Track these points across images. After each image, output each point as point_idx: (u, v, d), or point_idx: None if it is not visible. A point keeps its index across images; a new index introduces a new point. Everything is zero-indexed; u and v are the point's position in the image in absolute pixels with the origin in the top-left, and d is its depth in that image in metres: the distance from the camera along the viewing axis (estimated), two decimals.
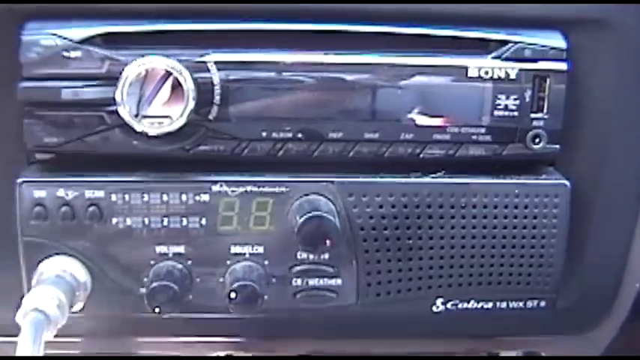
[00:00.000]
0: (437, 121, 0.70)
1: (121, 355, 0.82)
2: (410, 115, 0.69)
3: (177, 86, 0.65)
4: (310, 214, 0.66)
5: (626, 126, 0.73)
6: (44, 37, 0.66)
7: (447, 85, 0.69)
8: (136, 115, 0.64)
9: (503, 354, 0.94)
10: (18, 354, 0.59)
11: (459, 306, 0.73)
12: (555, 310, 0.74)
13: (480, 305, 0.73)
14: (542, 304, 0.74)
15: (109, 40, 0.67)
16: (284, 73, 0.68)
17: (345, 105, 0.69)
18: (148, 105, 0.64)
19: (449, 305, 0.73)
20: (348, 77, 0.68)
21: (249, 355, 0.84)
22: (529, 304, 0.74)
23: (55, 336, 0.63)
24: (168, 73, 0.64)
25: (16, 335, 0.68)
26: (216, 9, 0.68)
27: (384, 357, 0.88)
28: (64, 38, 0.66)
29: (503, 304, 0.73)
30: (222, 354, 0.83)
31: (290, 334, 0.80)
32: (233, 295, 0.67)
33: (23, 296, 0.67)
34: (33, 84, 0.66)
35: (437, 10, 0.69)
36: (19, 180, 0.68)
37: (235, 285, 0.67)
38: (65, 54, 0.66)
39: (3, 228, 0.71)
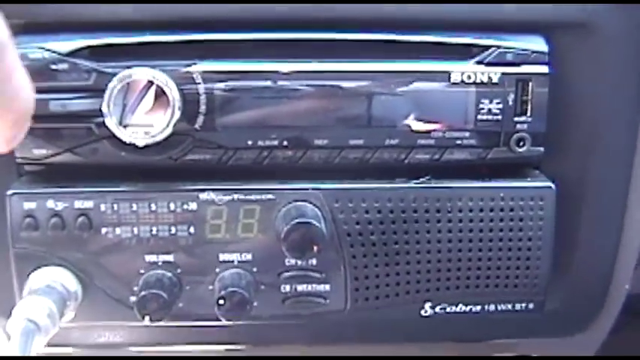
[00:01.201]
0: (421, 126, 0.69)
1: (121, 356, 0.82)
2: (394, 121, 0.69)
3: (162, 95, 0.65)
4: (296, 221, 0.66)
5: (610, 127, 0.73)
6: (32, 50, 0.66)
7: (431, 90, 0.69)
8: (120, 124, 0.64)
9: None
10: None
11: (448, 309, 0.73)
12: (544, 312, 0.74)
13: (468, 308, 0.73)
14: (531, 306, 0.73)
15: (96, 52, 0.67)
16: (269, 82, 0.68)
17: (329, 112, 0.69)
18: (131, 114, 0.64)
19: (437, 309, 0.72)
20: (332, 84, 0.68)
21: (250, 355, 0.83)
22: (517, 306, 0.73)
23: (47, 346, 0.62)
24: (150, 82, 0.63)
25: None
26: (201, 20, 0.68)
27: (379, 357, 0.87)
28: (52, 51, 0.66)
29: (492, 307, 0.73)
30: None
31: (279, 341, 0.79)
32: (222, 301, 0.67)
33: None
34: None
35: (418, 15, 0.69)
36: (9, 192, 0.68)
37: (224, 292, 0.67)
38: (53, 67, 0.66)
39: None
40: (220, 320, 0.68)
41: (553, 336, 0.81)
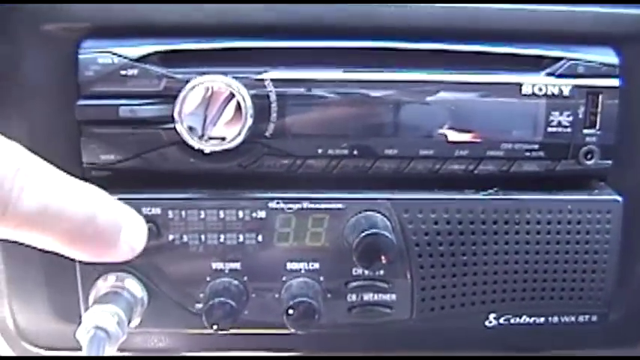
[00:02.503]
0: (491, 138, 0.67)
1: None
2: (463, 132, 0.67)
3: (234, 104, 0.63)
4: (368, 231, 0.65)
5: None
6: (101, 55, 0.65)
7: (502, 101, 0.68)
8: (201, 137, 0.62)
9: None
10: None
11: (512, 321, 0.71)
12: (607, 324, 0.72)
13: (532, 320, 0.72)
14: (594, 318, 0.72)
15: (166, 57, 0.66)
16: (340, 90, 0.66)
17: (400, 122, 0.67)
18: (212, 125, 0.63)
19: (501, 320, 0.71)
20: (405, 95, 0.67)
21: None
22: (580, 318, 0.72)
23: None
24: (232, 95, 0.62)
25: (72, 349, 0.67)
26: (273, 26, 0.66)
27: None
28: (122, 56, 0.65)
29: (555, 319, 0.72)
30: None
31: (342, 349, 0.78)
32: (291, 311, 0.65)
33: (80, 311, 0.66)
34: (90, 102, 0.65)
35: (490, 27, 0.68)
36: None
37: (292, 301, 0.65)
38: (123, 72, 0.65)
39: None
40: (286, 328, 0.66)
41: (613, 347, 0.80)
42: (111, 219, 0.53)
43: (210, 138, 0.64)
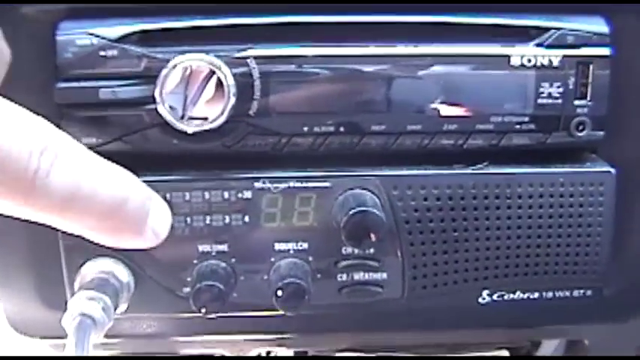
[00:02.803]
0: (480, 111, 0.66)
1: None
2: (452, 106, 0.65)
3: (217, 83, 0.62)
4: (357, 209, 0.63)
5: None
6: (79, 36, 0.63)
7: (490, 74, 0.66)
8: (182, 117, 0.60)
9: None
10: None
11: (505, 297, 0.70)
12: (600, 298, 0.70)
13: (526, 296, 0.70)
14: (589, 292, 0.70)
15: (146, 37, 0.64)
16: (325, 66, 0.65)
17: (386, 97, 0.65)
18: (193, 105, 0.61)
19: (495, 297, 0.70)
20: (390, 69, 0.65)
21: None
22: (575, 293, 0.70)
23: None
24: (212, 72, 0.60)
25: (60, 337, 0.66)
26: (254, 2, 0.65)
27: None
28: (100, 37, 0.63)
29: (550, 294, 0.70)
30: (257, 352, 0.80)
31: (332, 329, 0.76)
32: (280, 292, 0.64)
33: (66, 298, 0.64)
34: (70, 84, 0.63)
35: None
36: None
37: (281, 282, 0.64)
38: (102, 53, 0.63)
39: (43, 232, 0.67)
40: (276, 310, 0.64)
41: (607, 322, 0.78)
42: (140, 204, 0.50)
43: (192, 118, 0.62)
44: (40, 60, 0.64)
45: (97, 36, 0.63)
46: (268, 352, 0.83)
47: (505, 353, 0.86)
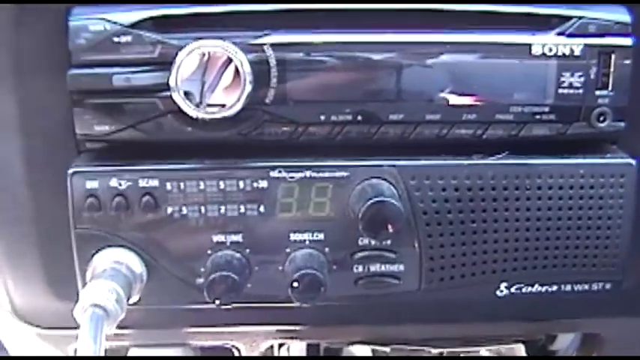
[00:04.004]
0: (500, 101, 0.64)
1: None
2: (471, 96, 0.63)
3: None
4: (375, 199, 0.61)
5: None
6: (93, 22, 0.61)
7: (511, 63, 0.64)
8: (199, 104, 0.58)
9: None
10: (78, 351, 0.55)
11: (524, 290, 0.68)
12: (619, 291, 0.68)
13: (544, 289, 0.68)
14: (608, 286, 0.68)
15: (160, 23, 0.62)
16: (343, 54, 0.63)
17: (405, 86, 0.63)
18: (211, 93, 0.58)
19: (513, 289, 0.68)
20: (409, 57, 0.63)
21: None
22: (594, 286, 0.68)
23: None
24: (229, 60, 0.58)
25: (70, 327, 0.64)
26: None
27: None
28: (114, 23, 0.61)
29: (568, 287, 0.68)
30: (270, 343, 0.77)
31: (347, 321, 0.74)
32: (296, 284, 0.62)
33: (77, 288, 0.63)
34: (83, 71, 0.61)
35: None
36: (71, 170, 0.63)
37: (298, 274, 0.62)
38: (115, 39, 0.61)
39: (54, 220, 0.65)
40: (291, 301, 0.62)
41: (625, 315, 0.76)
42: None
43: (209, 105, 0.59)
44: (53, 46, 0.62)
45: (111, 21, 0.61)
46: (280, 344, 0.80)
47: (520, 346, 0.83)
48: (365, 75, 0.63)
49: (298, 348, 0.83)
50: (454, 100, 0.64)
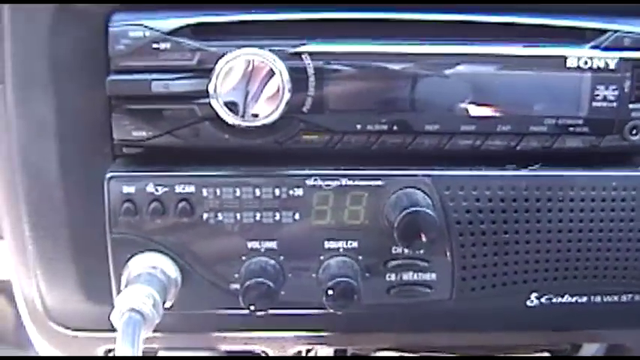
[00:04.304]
0: (534, 112, 0.64)
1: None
2: (506, 107, 0.63)
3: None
4: (410, 209, 0.61)
5: None
6: (132, 28, 0.61)
7: (546, 75, 0.64)
8: (244, 114, 0.59)
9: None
10: (117, 355, 0.54)
11: (554, 300, 0.68)
12: None
13: (574, 299, 0.69)
14: (637, 297, 0.68)
15: (199, 31, 0.62)
16: (380, 64, 0.63)
17: (441, 97, 0.64)
18: (254, 102, 0.59)
19: (543, 300, 0.68)
20: (446, 69, 0.63)
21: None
22: (623, 297, 0.69)
23: None
24: (272, 72, 0.58)
25: (101, 330, 0.64)
26: None
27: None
28: (153, 29, 0.61)
29: (598, 299, 0.69)
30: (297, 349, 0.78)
31: (378, 328, 0.75)
32: (330, 291, 0.62)
33: (110, 291, 0.64)
34: (122, 77, 0.62)
35: None
36: (108, 175, 0.63)
37: (332, 282, 0.62)
38: (155, 46, 0.61)
39: (88, 225, 0.66)
40: (324, 308, 0.63)
41: None
42: None
43: (253, 115, 0.59)
44: (93, 52, 0.63)
45: (150, 28, 0.61)
46: (308, 350, 0.81)
47: (546, 355, 0.84)
48: (400, 85, 0.63)
49: (326, 353, 0.83)
50: (489, 111, 0.64)
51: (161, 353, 0.79)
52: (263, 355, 0.78)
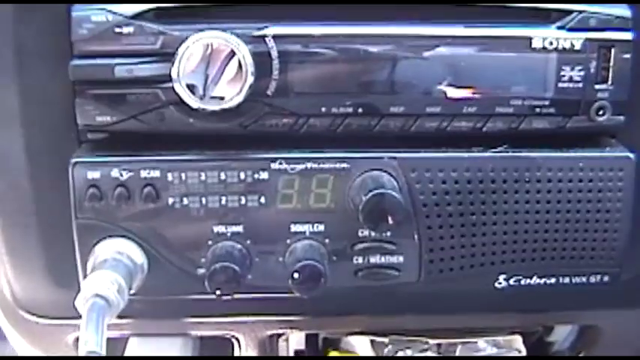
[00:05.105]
0: (500, 94, 0.64)
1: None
2: (471, 89, 0.63)
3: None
4: (375, 191, 0.61)
5: None
6: (95, 12, 0.61)
7: (511, 56, 0.64)
8: (203, 96, 0.58)
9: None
10: (80, 342, 0.54)
11: (522, 282, 0.68)
12: (617, 284, 0.68)
13: (542, 281, 0.68)
14: (606, 278, 0.68)
15: (162, 14, 0.61)
16: (344, 46, 0.62)
17: (406, 78, 0.63)
18: (214, 85, 0.58)
19: (512, 281, 0.68)
20: (409, 50, 0.63)
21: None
22: (592, 278, 0.68)
23: None
24: (233, 53, 0.58)
25: (70, 317, 0.63)
26: None
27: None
28: (116, 13, 0.60)
29: (566, 280, 0.68)
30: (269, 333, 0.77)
31: (347, 312, 0.74)
32: (297, 275, 0.62)
33: (78, 278, 0.63)
34: (85, 62, 0.61)
35: None
36: (73, 160, 0.63)
37: (298, 265, 0.62)
38: (117, 30, 0.60)
39: (55, 210, 0.65)
40: (291, 292, 0.62)
41: (622, 308, 0.76)
42: None
43: (212, 97, 0.59)
44: (55, 36, 0.62)
45: (113, 12, 0.61)
46: (280, 335, 0.80)
47: (517, 338, 0.83)
48: (365, 67, 0.63)
49: (297, 337, 0.83)
50: (454, 93, 0.64)
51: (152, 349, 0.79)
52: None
